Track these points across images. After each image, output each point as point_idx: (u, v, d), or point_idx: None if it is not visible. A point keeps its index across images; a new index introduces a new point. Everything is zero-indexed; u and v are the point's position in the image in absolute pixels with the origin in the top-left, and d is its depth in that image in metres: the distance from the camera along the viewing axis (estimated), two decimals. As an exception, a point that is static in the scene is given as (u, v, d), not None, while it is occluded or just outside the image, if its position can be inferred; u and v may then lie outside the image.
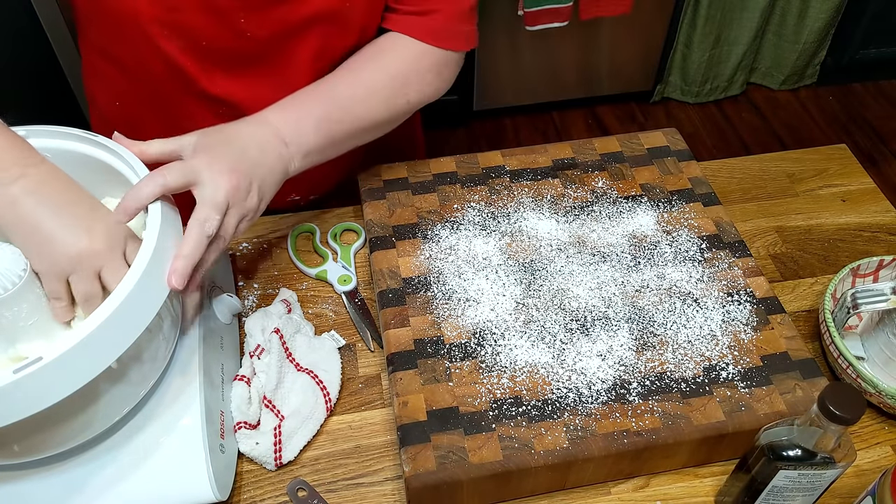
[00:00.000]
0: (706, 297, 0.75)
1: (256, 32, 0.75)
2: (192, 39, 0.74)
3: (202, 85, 0.79)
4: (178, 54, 0.76)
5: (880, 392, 0.70)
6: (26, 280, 0.56)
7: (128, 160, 0.64)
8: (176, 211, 0.63)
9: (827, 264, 0.87)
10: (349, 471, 0.70)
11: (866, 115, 2.43)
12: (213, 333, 0.71)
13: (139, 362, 0.60)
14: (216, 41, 0.75)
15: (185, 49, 0.75)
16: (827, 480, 0.59)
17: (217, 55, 0.77)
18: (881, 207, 0.93)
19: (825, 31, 2.32)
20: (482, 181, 0.87)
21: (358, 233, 0.89)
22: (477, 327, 0.72)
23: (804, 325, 0.82)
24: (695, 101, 2.46)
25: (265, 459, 0.68)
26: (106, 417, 0.60)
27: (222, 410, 0.68)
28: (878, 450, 0.72)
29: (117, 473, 0.62)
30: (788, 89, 2.51)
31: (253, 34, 0.75)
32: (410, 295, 0.74)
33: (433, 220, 0.82)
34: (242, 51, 0.76)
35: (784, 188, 0.96)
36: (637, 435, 0.64)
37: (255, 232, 0.89)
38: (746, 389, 0.67)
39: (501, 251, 0.79)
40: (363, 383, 0.76)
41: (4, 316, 0.57)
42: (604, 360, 0.69)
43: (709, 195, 0.85)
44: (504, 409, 0.65)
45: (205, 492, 0.62)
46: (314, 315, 0.81)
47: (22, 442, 0.57)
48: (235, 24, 0.74)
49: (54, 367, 0.50)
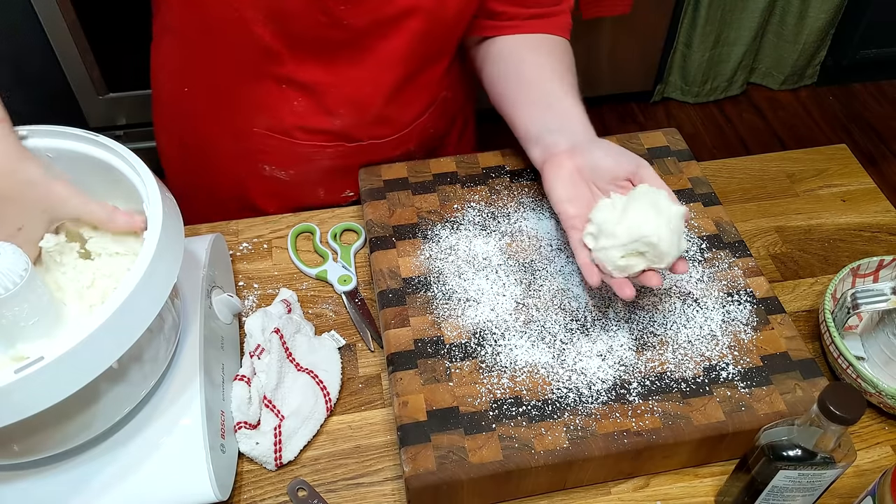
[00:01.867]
0: (706, 297, 0.75)
1: (353, 21, 0.76)
2: (287, 24, 0.75)
3: (287, 70, 0.80)
4: (270, 39, 0.76)
5: (880, 392, 0.70)
6: (27, 280, 0.56)
7: (129, 160, 0.64)
8: (177, 211, 0.63)
9: (827, 264, 0.87)
10: (349, 471, 0.70)
11: (866, 115, 2.43)
12: (214, 333, 0.71)
13: (140, 362, 0.60)
14: (311, 28, 0.76)
15: (278, 34, 0.76)
16: (827, 480, 0.59)
17: (309, 42, 0.77)
18: (881, 207, 0.93)
19: (825, 31, 2.32)
20: (482, 181, 0.87)
21: (358, 233, 0.89)
22: (477, 327, 0.72)
23: (804, 325, 0.82)
24: (695, 101, 2.46)
25: (265, 459, 0.68)
26: (106, 417, 0.60)
27: (223, 410, 0.68)
28: (878, 450, 0.72)
29: (118, 473, 0.62)
30: (788, 89, 2.51)
31: (349, 23, 0.76)
32: (410, 295, 0.75)
33: (433, 220, 0.82)
34: (335, 38, 0.77)
35: (784, 188, 0.96)
36: (637, 435, 0.64)
37: (256, 232, 0.89)
38: (746, 389, 0.67)
39: (501, 251, 0.79)
40: (363, 383, 0.76)
41: (5, 316, 0.57)
42: (604, 360, 0.69)
43: (709, 195, 0.85)
44: (504, 409, 0.65)
45: (205, 492, 0.62)
46: (314, 315, 0.81)
47: (22, 442, 0.57)
48: (334, 12, 0.74)
49: (55, 367, 0.50)
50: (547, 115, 0.79)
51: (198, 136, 0.91)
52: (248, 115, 0.86)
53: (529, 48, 0.85)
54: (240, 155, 0.90)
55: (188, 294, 0.71)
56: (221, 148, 0.90)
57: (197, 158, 0.94)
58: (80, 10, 1.74)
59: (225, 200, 0.96)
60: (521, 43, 0.86)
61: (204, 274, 0.72)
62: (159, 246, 0.57)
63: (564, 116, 0.77)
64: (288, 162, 0.90)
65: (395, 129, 0.89)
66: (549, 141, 0.76)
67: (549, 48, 0.85)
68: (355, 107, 0.85)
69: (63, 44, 1.78)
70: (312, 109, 0.84)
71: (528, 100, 0.81)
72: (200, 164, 0.94)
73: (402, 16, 0.77)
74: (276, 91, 0.83)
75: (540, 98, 0.80)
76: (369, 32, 0.78)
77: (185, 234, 0.63)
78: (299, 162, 0.89)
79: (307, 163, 0.89)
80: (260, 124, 0.86)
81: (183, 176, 0.98)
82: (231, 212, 0.95)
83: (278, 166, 0.90)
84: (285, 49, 0.78)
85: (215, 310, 0.73)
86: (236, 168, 0.92)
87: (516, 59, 0.85)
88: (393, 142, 0.90)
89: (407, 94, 0.86)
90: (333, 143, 0.88)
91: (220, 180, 0.94)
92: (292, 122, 0.85)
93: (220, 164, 0.92)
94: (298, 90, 0.82)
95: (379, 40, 0.79)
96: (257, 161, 0.90)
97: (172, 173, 0.99)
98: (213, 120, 0.88)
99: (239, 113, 0.86)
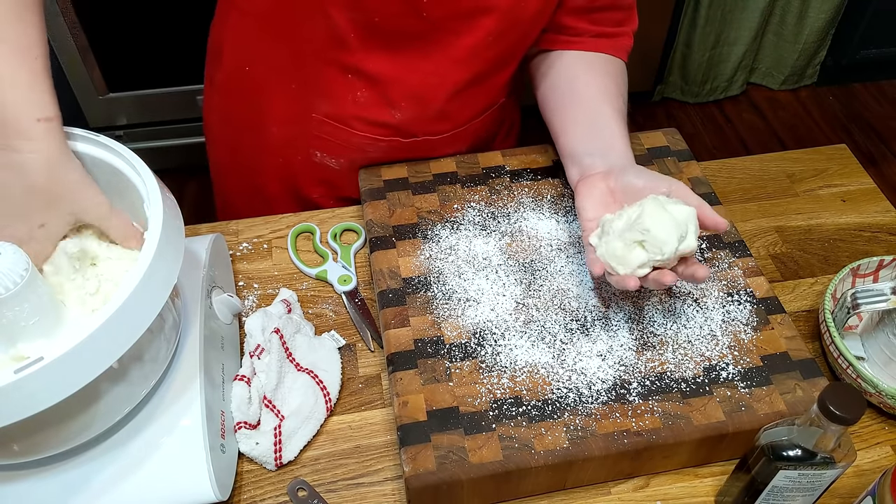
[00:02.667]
0: (706, 297, 0.75)
1: (433, 12, 0.76)
2: (367, 13, 0.75)
3: (356, 59, 0.80)
4: (346, 25, 0.77)
5: (880, 392, 0.70)
6: (28, 280, 0.56)
7: (129, 160, 0.64)
8: (177, 211, 0.63)
9: (827, 264, 0.87)
10: (349, 471, 0.70)
11: (866, 115, 2.44)
12: (214, 333, 0.71)
13: (140, 362, 0.60)
14: (391, 18, 0.76)
15: (355, 21, 0.76)
16: (827, 480, 0.59)
17: (383, 31, 0.78)
18: (881, 207, 0.93)
19: (825, 31, 2.32)
20: (482, 181, 0.87)
21: (358, 233, 0.89)
22: (477, 327, 0.72)
23: (804, 325, 0.82)
24: (695, 101, 2.46)
25: (265, 459, 0.68)
26: (106, 417, 0.60)
27: (223, 410, 0.68)
28: (878, 450, 0.72)
29: (118, 473, 0.62)
30: (788, 89, 2.51)
31: (429, 14, 0.76)
32: (410, 295, 0.75)
33: (433, 220, 0.82)
34: (410, 28, 0.77)
35: (784, 188, 0.96)
36: (637, 435, 0.64)
37: (256, 232, 0.89)
38: (746, 389, 0.67)
39: (501, 251, 0.79)
40: (363, 383, 0.76)
41: (5, 316, 0.57)
42: (604, 360, 0.69)
43: (709, 195, 0.85)
44: (504, 409, 0.66)
45: (205, 492, 0.62)
46: (314, 315, 0.81)
47: (22, 442, 0.57)
48: (417, 2, 0.74)
49: (55, 367, 0.50)
50: (591, 138, 0.79)
51: (251, 117, 0.91)
52: (308, 100, 0.86)
53: (585, 66, 0.85)
54: (292, 139, 0.90)
55: (188, 294, 0.71)
56: (274, 130, 0.91)
57: (247, 140, 0.94)
58: (80, 10, 1.74)
59: (268, 184, 0.96)
60: (578, 59, 0.86)
61: (204, 274, 0.72)
62: (159, 246, 0.57)
63: (607, 142, 0.78)
64: (341, 151, 0.90)
65: (450, 126, 0.89)
66: (587, 163, 0.77)
67: (605, 68, 0.85)
68: (417, 101, 0.85)
69: (63, 44, 1.78)
70: (375, 101, 0.85)
71: (575, 119, 0.81)
72: (249, 146, 0.94)
73: (478, 12, 0.77)
74: (341, 79, 0.83)
75: (587, 119, 0.81)
76: (444, 26, 0.78)
77: (186, 234, 0.63)
78: (352, 152, 0.90)
79: (359, 153, 0.90)
80: (319, 110, 0.87)
81: (229, 156, 0.99)
82: (274, 197, 0.96)
83: (330, 154, 0.90)
84: (357, 37, 0.78)
85: (215, 310, 0.73)
86: (287, 152, 0.92)
87: (571, 75, 0.85)
88: (446, 140, 0.90)
89: (470, 94, 0.87)
90: (389, 137, 0.88)
91: (267, 162, 0.94)
92: (353, 111, 0.86)
93: (270, 146, 0.92)
94: (363, 80, 0.83)
95: (452, 35, 0.79)
96: (310, 147, 0.90)
97: (217, 153, 1.00)
98: (270, 101, 0.88)
99: (299, 97, 0.86)
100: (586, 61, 0.86)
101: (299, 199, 0.97)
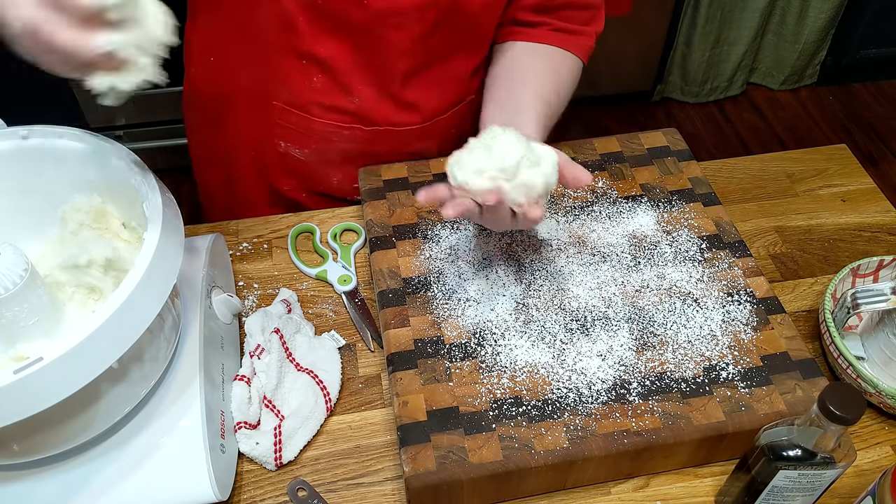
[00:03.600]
0: (706, 297, 0.75)
1: (373, 4, 0.77)
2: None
3: (308, 44, 0.81)
4: (294, 9, 0.78)
5: (880, 392, 0.70)
6: (27, 280, 0.56)
7: (129, 160, 0.64)
8: (177, 211, 0.63)
9: (827, 264, 0.87)
10: (349, 471, 0.70)
11: (866, 115, 2.43)
12: (214, 333, 0.71)
13: (140, 362, 0.60)
14: (333, 4, 0.77)
15: (301, 5, 0.78)
16: (827, 480, 0.59)
17: (330, 18, 0.79)
18: (881, 207, 0.93)
19: (825, 31, 2.32)
20: (482, 181, 0.86)
21: (358, 233, 0.89)
22: (477, 327, 0.72)
23: (804, 325, 0.82)
24: (695, 101, 2.46)
25: (265, 459, 0.68)
26: (106, 417, 0.60)
27: (223, 410, 0.68)
28: (878, 450, 0.72)
29: (118, 473, 0.62)
30: (788, 89, 2.51)
31: (370, 4, 0.77)
32: (410, 295, 0.75)
33: (433, 220, 0.82)
34: (355, 18, 0.78)
35: (784, 188, 0.96)
36: (637, 435, 0.64)
37: (255, 232, 0.89)
38: (746, 389, 0.67)
39: (501, 251, 0.79)
40: (363, 383, 0.76)
41: (5, 316, 0.57)
42: (604, 360, 0.69)
43: (709, 195, 0.85)
44: (504, 409, 0.66)
45: (205, 492, 0.62)
46: (314, 315, 0.81)
47: (22, 442, 0.57)
48: None
49: (55, 368, 0.50)
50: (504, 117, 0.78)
51: (220, 109, 0.92)
52: (268, 88, 0.87)
53: (530, 53, 0.86)
54: (258, 128, 0.91)
55: (188, 294, 0.71)
56: (242, 121, 0.91)
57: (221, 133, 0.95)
58: (79, 10, 1.73)
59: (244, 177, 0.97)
60: (527, 48, 0.86)
61: (204, 274, 0.72)
62: (159, 246, 0.57)
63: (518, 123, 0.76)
64: (303, 140, 0.90)
65: (419, 119, 0.90)
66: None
67: (549, 59, 0.86)
68: (371, 87, 0.85)
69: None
70: (330, 86, 0.85)
71: (496, 97, 0.83)
72: (223, 139, 0.95)
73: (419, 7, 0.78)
74: (297, 65, 0.84)
75: (507, 98, 0.81)
76: (385, 20, 0.79)
77: (185, 233, 0.63)
78: (315, 141, 0.90)
79: (322, 142, 0.90)
80: (280, 97, 0.87)
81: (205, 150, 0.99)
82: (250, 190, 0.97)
83: (293, 143, 0.91)
84: (305, 20, 0.79)
85: (215, 310, 0.73)
86: (256, 143, 0.93)
87: (512, 60, 0.86)
88: (411, 133, 0.91)
89: (425, 84, 0.87)
90: (349, 125, 0.88)
91: (241, 155, 0.95)
92: (311, 97, 0.86)
93: (242, 138, 0.93)
94: (317, 66, 0.84)
95: (393, 28, 0.80)
96: (274, 136, 0.91)
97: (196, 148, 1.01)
98: (235, 91, 0.89)
99: (260, 85, 0.87)
100: (532, 50, 0.86)
101: (273, 193, 0.97)
